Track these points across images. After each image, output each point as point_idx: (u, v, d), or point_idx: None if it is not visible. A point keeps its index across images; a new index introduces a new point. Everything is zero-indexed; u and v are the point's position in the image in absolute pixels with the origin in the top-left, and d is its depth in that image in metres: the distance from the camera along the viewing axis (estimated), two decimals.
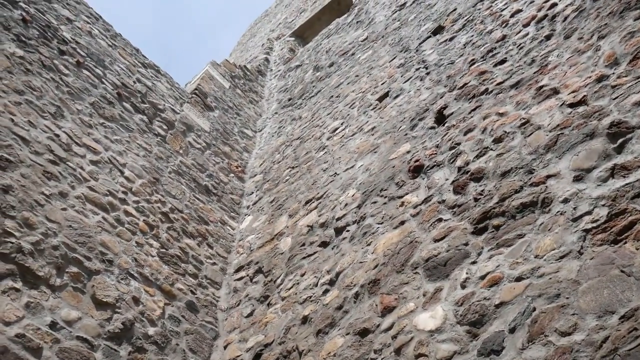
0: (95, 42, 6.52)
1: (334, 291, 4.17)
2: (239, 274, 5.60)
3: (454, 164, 4.15)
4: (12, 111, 4.62)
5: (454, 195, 3.89)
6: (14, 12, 5.50)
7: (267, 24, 15.96)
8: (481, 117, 4.34)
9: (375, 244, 4.19)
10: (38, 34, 5.61)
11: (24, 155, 4.43)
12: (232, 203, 6.82)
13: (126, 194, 5.22)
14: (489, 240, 3.31)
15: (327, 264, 4.52)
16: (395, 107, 5.78)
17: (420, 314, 3.26)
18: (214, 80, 8.81)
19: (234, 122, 8.41)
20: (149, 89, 6.87)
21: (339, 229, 4.78)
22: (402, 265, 3.73)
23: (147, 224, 5.20)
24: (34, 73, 5.18)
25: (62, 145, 4.89)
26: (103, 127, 5.59)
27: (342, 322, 3.83)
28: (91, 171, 5.00)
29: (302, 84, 9.20)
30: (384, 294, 3.66)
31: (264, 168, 7.43)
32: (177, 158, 6.42)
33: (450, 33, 6.10)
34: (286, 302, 4.60)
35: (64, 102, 5.29)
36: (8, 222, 3.90)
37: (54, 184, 4.53)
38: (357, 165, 5.44)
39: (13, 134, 4.47)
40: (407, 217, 4.12)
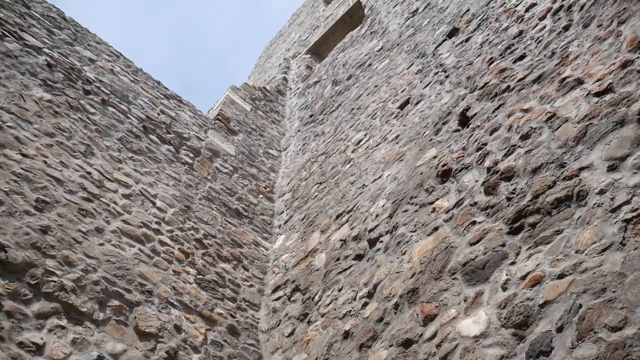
0: (117, 79, 6.69)
1: (373, 303, 4.14)
2: (277, 294, 5.61)
3: (483, 165, 4.10)
4: (44, 154, 4.76)
5: (485, 196, 3.83)
6: (39, 58, 5.70)
7: (282, 43, 16.14)
8: (505, 115, 4.29)
9: (411, 252, 4.15)
10: (63, 76, 5.79)
11: (59, 195, 4.55)
12: (264, 224, 6.86)
13: (159, 224, 5.30)
14: (526, 239, 3.24)
15: (363, 277, 4.50)
16: (417, 114, 5.75)
17: (463, 320, 3.21)
18: (235, 105, 8.93)
19: (259, 144, 8.49)
20: (173, 119, 7.00)
21: (372, 241, 4.75)
22: (440, 272, 3.69)
23: (182, 251, 5.26)
24: (62, 115, 5.34)
25: (94, 182, 5.01)
26: (132, 161, 5.71)
27: (384, 335, 3.79)
28: (124, 205, 5.10)
29: (322, 100, 9.25)
30: (424, 302, 3.62)
31: (291, 186, 7.46)
32: (206, 184, 6.51)
33: (465, 34, 6.07)
34: (326, 319, 4.58)
35: (92, 140, 5.43)
36: (49, 262, 4.00)
37: (90, 220, 4.63)
38: (384, 175, 5.42)
39: (47, 176, 4.61)
40: (440, 223, 4.08)
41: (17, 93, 5.05)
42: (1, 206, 4.05)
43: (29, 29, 5.98)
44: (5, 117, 4.73)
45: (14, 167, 4.39)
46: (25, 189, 4.33)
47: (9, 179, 4.28)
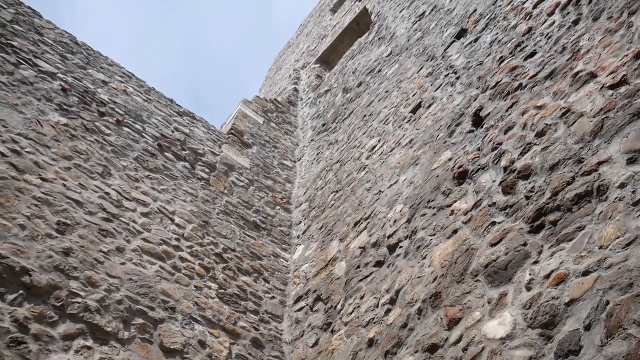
0: (131, 99, 6.78)
1: (396, 309, 4.11)
2: (299, 305, 5.60)
3: (499, 165, 4.06)
4: (63, 177, 4.83)
5: (503, 196, 3.80)
6: (54, 83, 5.80)
7: (291, 54, 16.23)
8: (519, 113, 4.25)
9: (431, 256, 4.12)
10: (78, 100, 5.88)
11: (79, 217, 4.61)
12: (282, 235, 6.86)
13: (179, 241, 5.33)
14: (548, 237, 3.20)
15: (385, 283, 4.47)
16: (430, 117, 5.74)
17: (488, 322, 3.17)
18: (247, 118, 8.98)
19: (273, 155, 8.52)
20: (187, 135, 7.06)
21: (391, 247, 4.73)
22: (462, 275, 3.65)
23: (202, 267, 5.29)
24: (79, 137, 5.42)
25: (113, 202, 5.06)
26: (149, 179, 5.76)
27: (408, 340, 3.76)
28: (143, 223, 5.15)
29: (334, 108, 9.27)
30: (447, 306, 3.58)
31: (308, 196, 7.46)
32: (223, 198, 6.54)
33: (474, 34, 6.05)
34: (349, 327, 4.56)
35: (109, 160, 5.50)
36: (73, 283, 4.05)
37: (110, 240, 4.68)
38: (400, 180, 5.40)
39: (67, 198, 4.67)
40: (459, 225, 4.05)
41: (34, 119, 5.14)
42: (23, 230, 4.11)
43: (43, 55, 6.10)
44: (24, 143, 4.81)
45: (34, 192, 4.46)
46: (46, 213, 4.40)
47: (30, 203, 4.35)
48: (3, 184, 4.31)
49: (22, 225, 4.14)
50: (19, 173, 4.51)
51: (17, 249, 3.95)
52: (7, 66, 5.47)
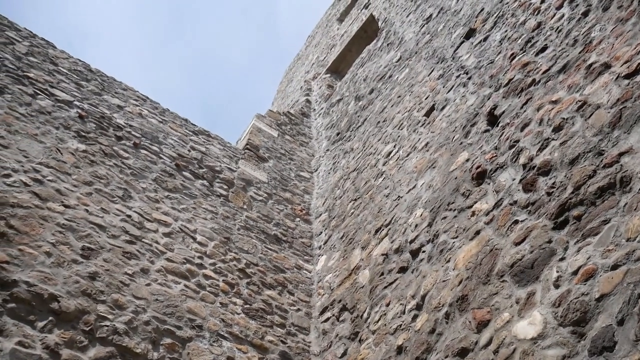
0: (146, 121, 6.87)
1: (423, 315, 4.07)
2: (325, 315, 5.58)
3: (518, 162, 4.02)
4: (85, 202, 4.91)
5: (524, 194, 3.75)
6: (71, 111, 5.91)
7: (301, 66, 16.32)
8: (535, 109, 4.21)
9: (455, 259, 4.08)
10: (95, 126, 5.98)
11: (103, 241, 4.67)
12: (304, 246, 6.86)
13: (202, 258, 5.37)
14: (573, 232, 3.15)
15: (410, 289, 4.44)
16: (444, 119, 5.71)
17: (518, 323, 3.12)
18: (262, 132, 9.04)
19: (290, 168, 8.55)
20: (203, 154, 7.13)
21: (414, 252, 4.70)
22: (487, 276, 3.61)
23: (227, 283, 5.31)
24: (98, 163, 5.50)
25: (135, 224, 5.12)
26: (169, 199, 5.82)
27: (438, 346, 3.72)
28: (166, 243, 5.20)
29: (347, 117, 9.28)
30: (475, 308, 3.54)
31: (327, 206, 7.46)
32: (243, 214, 6.57)
33: (482, 33, 6.02)
34: (377, 335, 4.53)
35: (129, 183, 5.57)
36: (100, 307, 4.09)
37: (135, 262, 4.73)
38: (418, 184, 5.37)
39: (90, 223, 4.74)
40: (482, 226, 4.01)
41: (53, 147, 5.24)
42: (50, 257, 4.18)
43: (59, 84, 6.22)
44: (45, 172, 4.90)
45: (58, 219, 4.54)
46: (71, 239, 4.46)
47: (54, 230, 4.42)
48: (27, 213, 4.38)
49: (48, 252, 4.21)
50: (42, 201, 4.59)
51: (45, 276, 4.02)
52: (25, 97, 5.59)
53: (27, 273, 3.96)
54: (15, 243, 4.11)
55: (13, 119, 5.21)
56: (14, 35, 6.47)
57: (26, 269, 3.99)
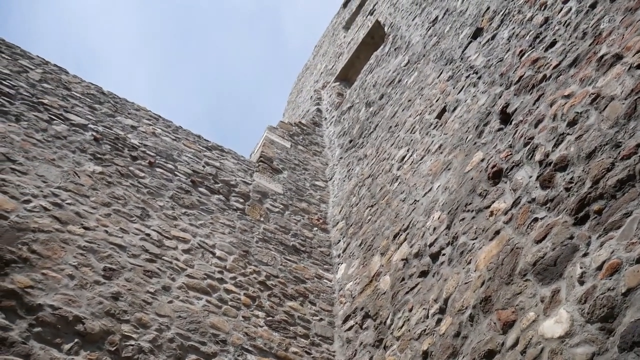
0: (160, 140, 6.94)
1: (447, 319, 4.04)
2: (348, 324, 5.56)
3: (533, 159, 3.98)
4: (104, 223, 4.96)
5: (542, 190, 3.71)
6: (86, 134, 5.99)
7: (310, 76, 16.38)
8: (548, 105, 4.18)
9: (476, 260, 4.05)
10: (110, 147, 6.05)
11: (124, 261, 4.71)
12: (323, 256, 6.85)
13: (222, 273, 5.39)
14: (595, 227, 3.11)
15: (432, 293, 4.40)
16: (456, 120, 5.68)
17: (544, 322, 3.08)
18: (275, 144, 9.07)
19: (304, 178, 8.56)
20: (218, 169, 7.17)
21: (434, 255, 4.67)
22: (510, 276, 3.57)
23: (248, 296, 5.32)
24: (115, 184, 5.57)
25: (154, 242, 5.16)
26: (186, 216, 5.86)
27: (464, 349, 3.68)
28: (186, 260, 5.22)
29: (359, 123, 9.28)
30: (499, 309, 3.50)
31: (344, 214, 7.45)
32: (260, 226, 6.59)
33: (490, 32, 6.00)
34: (402, 342, 4.50)
35: (146, 202, 5.62)
36: (125, 327, 4.12)
37: (156, 280, 4.76)
38: (434, 187, 5.35)
39: (110, 244, 4.79)
40: (501, 226, 3.97)
41: (71, 171, 5.31)
42: (73, 280, 4.22)
43: (73, 108, 6.32)
44: (64, 196, 4.96)
45: (78, 241, 4.59)
46: (92, 260, 4.51)
47: (76, 253, 4.47)
48: (49, 237, 4.44)
49: (70, 275, 4.26)
50: (62, 225, 4.65)
51: (69, 299, 4.06)
52: (41, 124, 5.69)
53: (51, 296, 4.01)
54: (39, 267, 4.16)
55: (30, 146, 5.29)
56: (27, 63, 6.59)
57: (50, 292, 4.04)
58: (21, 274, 4.04)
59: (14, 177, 4.81)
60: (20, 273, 4.04)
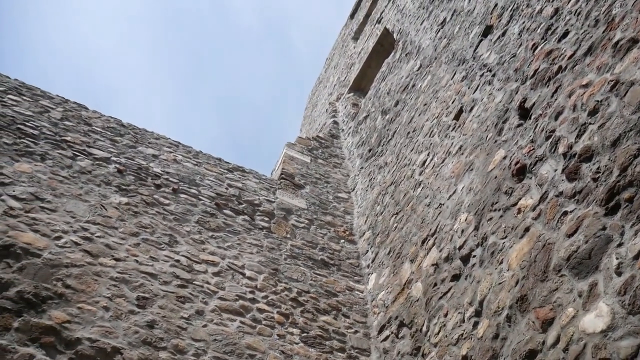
0: (182, 166, 7.03)
1: (484, 321, 3.97)
2: (383, 334, 5.51)
3: (557, 152, 3.92)
4: (134, 253, 5.02)
5: (569, 183, 3.65)
6: (109, 167, 6.10)
7: (324, 89, 16.46)
8: (566, 96, 4.12)
9: (508, 259, 3.98)
10: (134, 177, 6.15)
11: (156, 289, 4.75)
12: (352, 267, 6.82)
13: (254, 293, 5.40)
14: (627, 215, 3.04)
15: (466, 296, 4.34)
16: (474, 120, 5.64)
17: (584, 317, 3.01)
18: (294, 160, 9.11)
19: (327, 191, 8.57)
20: (240, 189, 7.22)
21: (464, 258, 4.61)
22: (544, 273, 3.50)
23: (281, 314, 5.31)
24: (141, 213, 5.64)
25: (184, 268, 5.20)
26: (214, 239, 5.90)
27: (504, 351, 3.61)
28: (217, 282, 5.25)
29: (376, 132, 9.27)
30: (537, 307, 3.43)
31: (369, 224, 7.42)
32: (287, 243, 6.60)
33: (500, 29, 5.96)
34: (440, 348, 4.43)
35: (173, 229, 5.68)
36: (162, 354, 4.15)
37: (189, 305, 4.79)
38: (458, 188, 5.30)
39: (141, 273, 4.84)
40: (530, 222, 3.91)
41: (98, 204, 5.40)
42: (108, 312, 4.28)
43: (95, 143, 6.44)
44: (93, 229, 5.05)
45: (111, 273, 4.65)
46: (125, 290, 4.56)
47: (109, 284, 4.53)
48: (81, 272, 4.51)
49: (105, 307, 4.31)
50: (93, 258, 4.72)
51: (106, 331, 4.11)
52: (66, 160, 5.81)
53: (88, 329, 4.07)
54: (74, 302, 4.23)
55: (57, 183, 5.41)
56: (48, 103, 6.76)
57: (87, 325, 4.10)
58: (58, 309, 4.11)
59: (44, 215, 4.91)
60: (56, 309, 4.11)
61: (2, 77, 6.76)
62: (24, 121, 6.07)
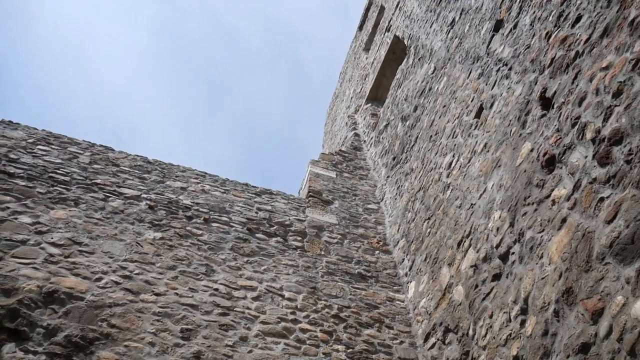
0: (210, 195, 7.11)
1: (531, 318, 3.88)
2: (430, 342, 5.43)
3: (585, 138, 3.85)
4: (173, 286, 5.08)
5: (602, 168, 3.57)
6: (141, 204, 6.21)
7: (341, 103, 16.51)
8: (587, 81, 4.05)
9: (548, 253, 3.90)
10: (165, 212, 6.25)
11: (198, 320, 4.79)
12: (390, 277, 6.77)
13: (294, 313, 5.39)
14: None
15: (509, 295, 4.26)
16: (496, 116, 5.58)
17: (635, 304, 2.91)
18: (320, 177, 9.13)
19: (356, 204, 8.55)
20: (270, 212, 7.26)
21: (503, 256, 4.53)
22: (587, 263, 3.42)
23: (324, 332, 5.29)
24: (176, 246, 5.72)
25: (224, 296, 5.24)
26: (249, 264, 5.93)
27: (555, 347, 3.52)
28: (257, 307, 5.27)
29: (398, 139, 9.24)
30: (584, 299, 3.34)
31: (402, 232, 7.37)
32: (322, 260, 6.59)
33: (511, 22, 5.92)
34: (489, 350, 4.35)
35: (209, 258, 5.74)
36: None
37: (232, 332, 4.80)
38: (488, 187, 5.23)
39: (182, 305, 4.89)
40: (566, 212, 3.83)
41: (133, 242, 5.50)
42: (154, 347, 4.32)
43: (124, 183, 6.58)
44: (132, 267, 5.13)
45: (153, 308, 4.71)
46: (169, 324, 4.61)
47: (152, 320, 4.59)
48: (124, 310, 4.58)
49: (151, 342, 4.36)
50: (135, 295, 4.79)
51: None
52: (98, 203, 5.94)
53: None
54: (120, 340, 4.29)
55: (92, 225, 5.53)
56: (76, 149, 6.94)
57: None
58: (105, 349, 4.17)
59: (83, 258, 5.02)
60: (104, 349, 4.17)
61: (30, 129, 6.98)
62: (54, 169, 6.24)
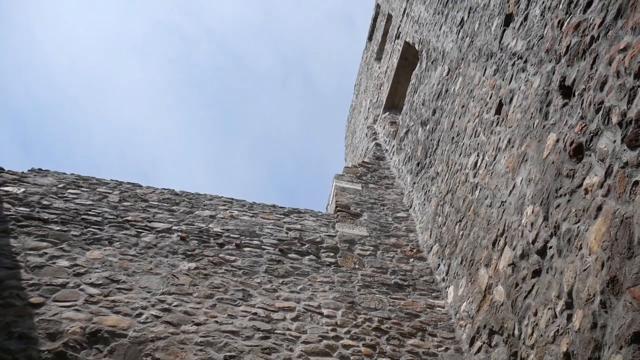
0: (239, 220, 7.16)
1: (577, 312, 3.78)
2: (475, 346, 5.32)
3: (611, 123, 3.77)
4: (212, 314, 5.11)
5: (632, 151, 3.48)
6: (172, 236, 6.29)
7: (358, 115, 16.54)
8: (606, 65, 3.98)
9: (587, 244, 3.81)
10: (197, 242, 6.31)
11: (240, 346, 4.79)
12: (427, 284, 6.68)
13: (335, 330, 5.35)
14: None
15: (552, 290, 4.16)
16: (516, 110, 5.51)
17: None
18: (346, 190, 9.12)
19: (385, 213, 8.50)
20: (300, 231, 7.27)
21: (540, 251, 4.44)
22: (629, 249, 3.32)
23: (367, 346, 5.23)
24: (211, 274, 5.76)
25: (263, 319, 5.24)
26: (285, 285, 5.93)
27: (606, 339, 3.41)
28: (297, 327, 5.25)
29: (420, 144, 9.19)
30: (631, 287, 3.24)
31: (434, 237, 7.29)
32: (357, 274, 6.55)
33: (521, 14, 5.87)
34: (537, 349, 4.24)
35: (244, 283, 5.76)
36: None
37: (275, 355, 4.79)
38: (517, 182, 5.15)
39: (223, 332, 4.90)
40: (601, 200, 3.74)
41: (169, 274, 5.56)
42: None
43: (155, 217, 6.68)
44: (170, 300, 5.18)
45: (194, 338, 4.74)
46: (212, 353, 4.62)
47: (195, 350, 4.61)
48: (167, 343, 4.62)
49: None
50: (175, 327, 4.83)
51: None
52: (131, 239, 6.04)
53: None
54: None
55: (127, 262, 5.61)
56: (105, 189, 7.09)
57: None
58: None
59: (122, 295, 5.09)
60: None
61: (59, 174, 7.16)
62: (86, 211, 6.37)
